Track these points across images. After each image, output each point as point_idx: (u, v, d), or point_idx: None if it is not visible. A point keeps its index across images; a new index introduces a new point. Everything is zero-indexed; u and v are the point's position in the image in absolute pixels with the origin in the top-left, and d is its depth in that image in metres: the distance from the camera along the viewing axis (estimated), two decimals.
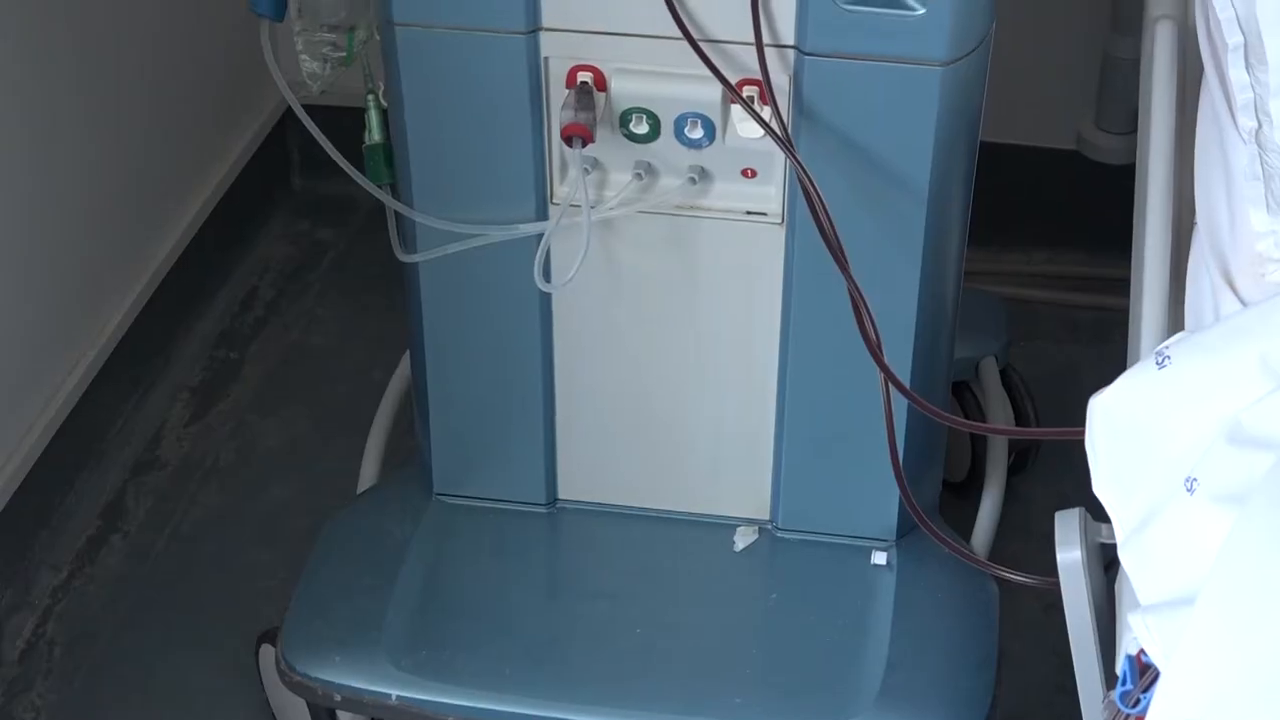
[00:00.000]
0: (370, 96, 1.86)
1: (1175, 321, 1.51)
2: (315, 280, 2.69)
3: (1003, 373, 2.23)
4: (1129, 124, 2.27)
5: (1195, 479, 1.13)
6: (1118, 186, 2.00)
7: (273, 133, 2.76)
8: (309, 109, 1.81)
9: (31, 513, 2.17)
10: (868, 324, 1.59)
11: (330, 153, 1.81)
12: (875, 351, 1.59)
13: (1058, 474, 2.28)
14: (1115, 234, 1.81)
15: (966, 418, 2.17)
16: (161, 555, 2.25)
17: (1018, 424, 2.24)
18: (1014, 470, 2.22)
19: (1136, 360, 1.48)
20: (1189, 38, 1.75)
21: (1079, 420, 1.24)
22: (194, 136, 2.56)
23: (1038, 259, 2.68)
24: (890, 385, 1.60)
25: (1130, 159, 1.82)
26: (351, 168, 1.83)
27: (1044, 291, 2.63)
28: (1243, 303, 1.36)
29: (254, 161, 2.71)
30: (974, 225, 1.84)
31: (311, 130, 1.81)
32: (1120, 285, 1.67)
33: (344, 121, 1.91)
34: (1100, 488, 1.22)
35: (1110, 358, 2.23)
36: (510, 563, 1.95)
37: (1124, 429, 1.24)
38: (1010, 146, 2.49)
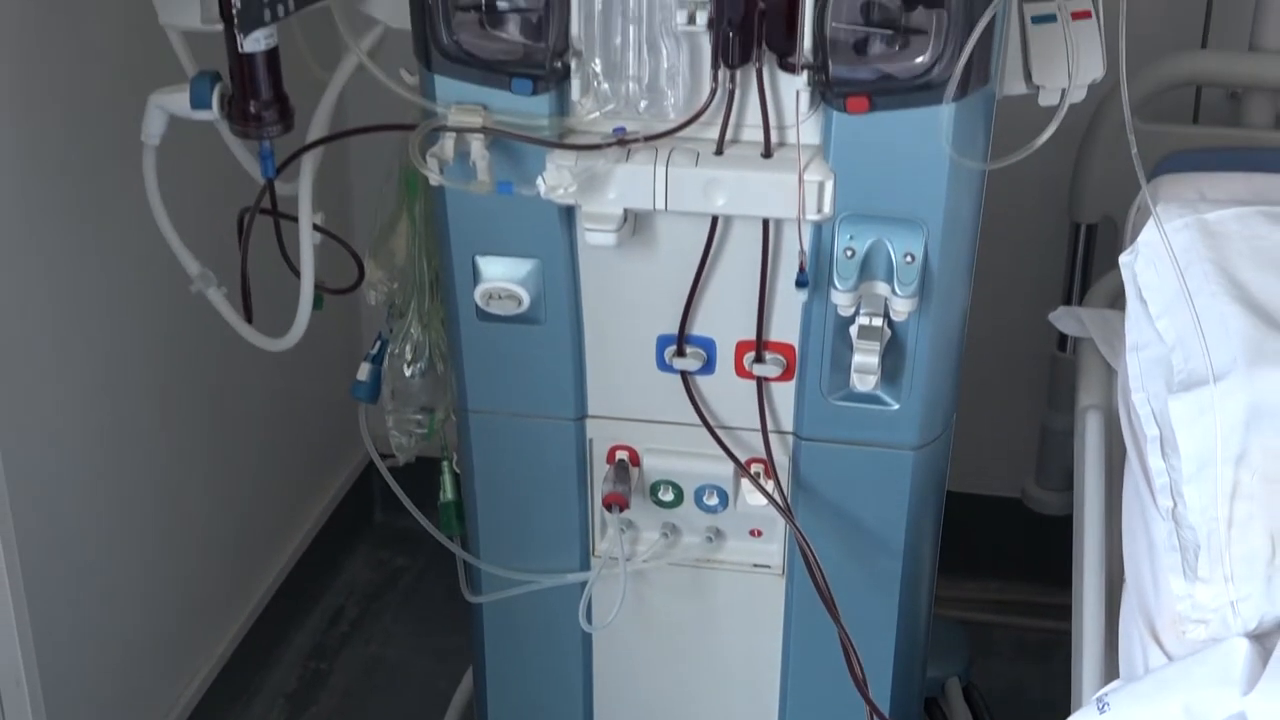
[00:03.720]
0: (445, 462, 1.89)
1: (1109, 664, 1.50)
2: (392, 601, 2.69)
3: (965, 690, 2.20)
4: (1065, 483, 2.28)
5: None
6: (1057, 530, 2.01)
7: (361, 476, 2.79)
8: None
9: None
10: (855, 664, 1.59)
11: (411, 510, 1.84)
12: (861, 688, 1.58)
13: None
14: (1057, 568, 1.81)
15: None
16: None
17: None
18: None
19: (1079, 699, 1.48)
20: (1115, 418, 1.76)
21: None
22: (295, 482, 2.59)
23: (991, 588, 2.67)
24: (874, 716, 1.60)
25: (1066, 510, 1.83)
26: (427, 521, 1.85)
27: (997, 616, 2.62)
28: (1168, 656, 1.36)
29: (344, 501, 2.74)
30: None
31: (396, 492, 1.84)
32: (1062, 610, 1.67)
33: (420, 470, 1.93)
34: None
35: (1055, 675, 2.21)
36: None
37: None
38: (967, 495, 2.50)
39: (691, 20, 1.44)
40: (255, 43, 1.51)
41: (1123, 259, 1.64)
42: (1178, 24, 2.20)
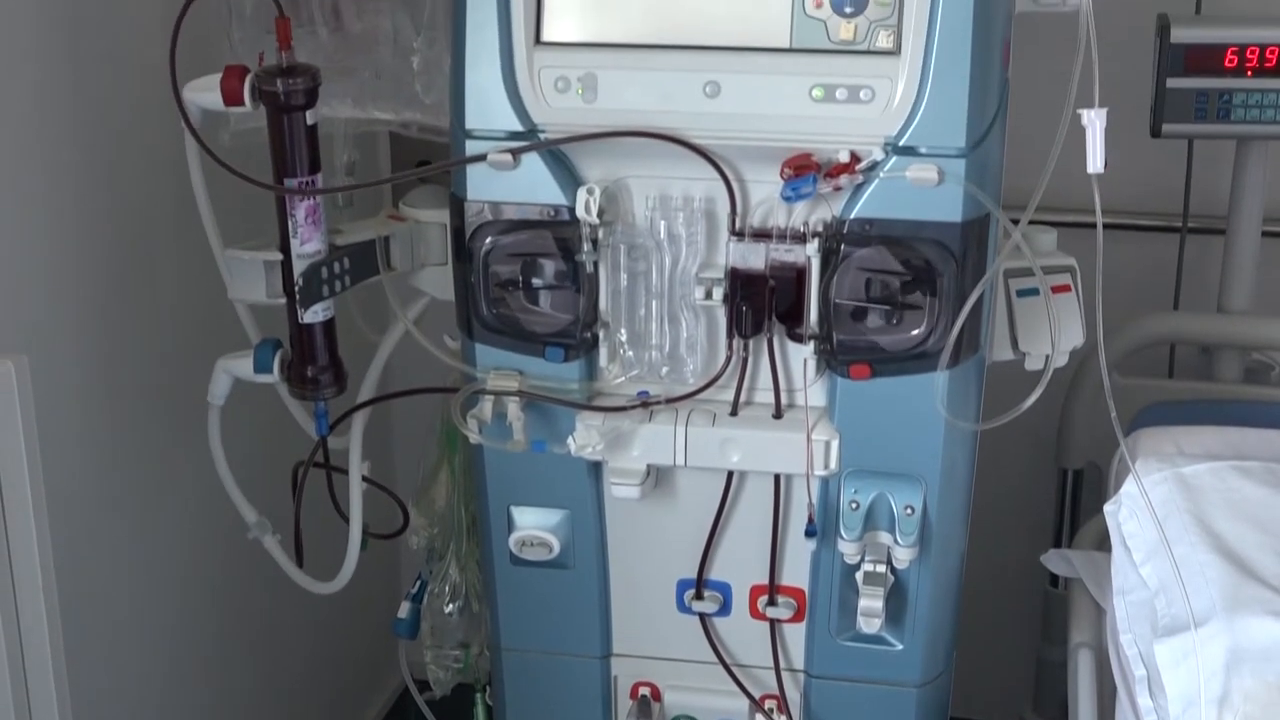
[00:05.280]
0: (479, 695, 1.88)
1: None
2: None
3: None
4: (1061, 712, 2.25)
5: None
6: None
7: (398, 702, 2.76)
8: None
9: None
10: None
11: None
12: None
13: None
14: None
15: None
16: None
17: None
18: None
19: None
20: (1105, 654, 1.75)
21: None
22: (337, 708, 2.56)
23: None
24: None
25: None
26: None
27: None
28: None
29: None
30: None
31: None
32: None
33: (454, 695, 1.91)
34: None
35: None
36: None
37: None
38: None
39: (709, 295, 1.49)
40: (314, 315, 1.55)
41: (1107, 508, 1.65)
42: (1151, 288, 2.24)
